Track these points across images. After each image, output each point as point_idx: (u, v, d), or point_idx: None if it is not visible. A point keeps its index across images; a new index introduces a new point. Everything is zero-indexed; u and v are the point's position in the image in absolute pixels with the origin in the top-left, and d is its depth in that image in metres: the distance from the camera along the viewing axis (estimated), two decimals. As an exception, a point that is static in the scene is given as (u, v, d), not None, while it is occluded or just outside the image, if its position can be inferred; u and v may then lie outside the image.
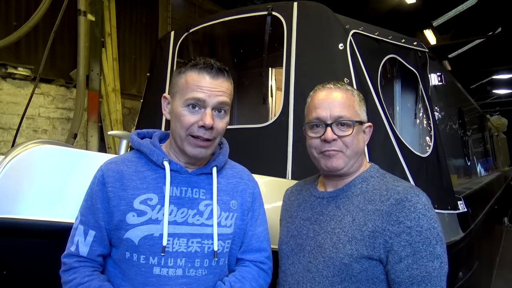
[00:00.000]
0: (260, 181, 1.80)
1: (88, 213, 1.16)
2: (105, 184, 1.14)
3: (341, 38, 2.20)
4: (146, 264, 1.11)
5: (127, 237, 1.11)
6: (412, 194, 1.13)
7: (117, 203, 1.13)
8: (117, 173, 1.15)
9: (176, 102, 1.16)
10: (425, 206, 1.12)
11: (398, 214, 1.11)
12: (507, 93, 19.58)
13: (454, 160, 3.66)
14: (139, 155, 1.22)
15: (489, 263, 4.75)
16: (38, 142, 1.36)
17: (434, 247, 1.08)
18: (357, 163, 1.26)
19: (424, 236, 1.08)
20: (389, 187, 1.18)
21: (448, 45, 13.10)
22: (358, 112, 1.25)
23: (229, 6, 7.31)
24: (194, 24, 2.91)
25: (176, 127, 1.16)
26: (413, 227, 1.09)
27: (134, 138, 1.24)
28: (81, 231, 1.15)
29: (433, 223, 1.10)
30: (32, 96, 3.41)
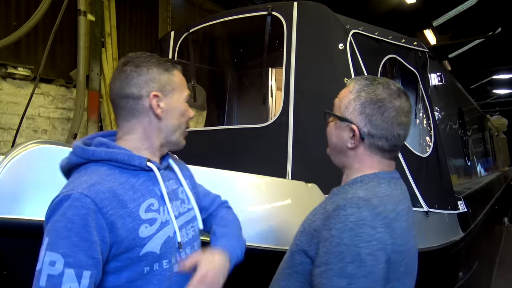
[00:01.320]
0: (260, 181, 1.81)
1: (76, 251, 0.94)
2: (100, 210, 0.99)
3: (341, 38, 2.20)
4: (170, 267, 1.10)
5: (146, 252, 1.05)
6: (352, 206, 1.05)
7: (122, 224, 1.02)
8: (109, 193, 1.02)
9: (176, 98, 1.19)
10: (359, 221, 1.01)
11: (331, 220, 1.05)
12: (507, 93, 19.59)
13: (454, 160, 3.66)
14: (108, 167, 1.09)
15: (489, 263, 4.75)
16: (38, 142, 1.36)
17: (346, 264, 0.98)
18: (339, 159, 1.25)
19: (339, 250, 1.00)
20: (347, 191, 1.14)
21: (448, 45, 13.11)
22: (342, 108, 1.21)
23: (229, 6, 7.31)
24: (194, 24, 2.91)
25: (180, 122, 1.20)
26: (335, 237, 1.02)
27: (97, 150, 1.09)
28: (72, 276, 0.93)
29: (358, 242, 0.99)
30: (32, 96, 3.41)
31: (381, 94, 1.15)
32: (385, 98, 1.15)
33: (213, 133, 2.81)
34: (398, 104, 1.15)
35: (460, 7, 12.63)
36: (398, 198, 1.15)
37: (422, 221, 2.19)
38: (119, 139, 1.18)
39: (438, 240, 2.23)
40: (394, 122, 1.14)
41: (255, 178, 1.79)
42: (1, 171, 1.28)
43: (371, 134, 1.15)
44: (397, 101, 1.15)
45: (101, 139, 1.15)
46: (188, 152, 1.39)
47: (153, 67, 1.17)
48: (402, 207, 1.13)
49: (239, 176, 1.75)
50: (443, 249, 2.24)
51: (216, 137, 2.68)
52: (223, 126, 3.59)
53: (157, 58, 1.20)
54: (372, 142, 1.16)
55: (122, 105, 1.15)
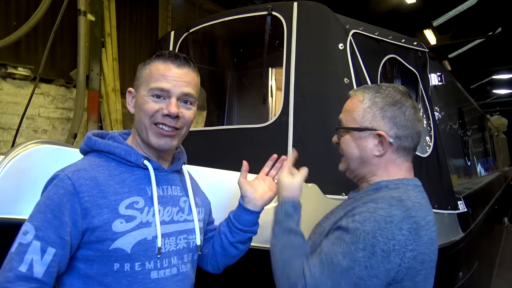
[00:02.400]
0: (260, 181, 1.80)
1: (47, 227, 0.98)
2: (77, 194, 1.01)
3: (341, 38, 2.20)
4: (143, 270, 1.05)
5: (116, 247, 1.02)
6: (384, 202, 1.05)
7: (97, 213, 1.01)
8: (91, 181, 1.04)
9: (140, 93, 1.13)
10: (388, 217, 1.00)
11: (356, 209, 1.07)
12: (507, 93, 19.59)
13: (454, 160, 3.66)
14: (106, 158, 1.12)
15: (489, 263, 4.75)
16: (38, 142, 1.36)
17: (357, 250, 0.98)
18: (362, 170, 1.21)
19: (356, 234, 0.99)
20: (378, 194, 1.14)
21: (448, 45, 13.11)
22: (357, 119, 1.18)
23: (229, 6, 7.31)
24: (194, 24, 2.91)
25: (140, 117, 1.12)
26: (356, 221, 1.01)
27: (98, 140, 1.13)
28: (37, 248, 0.96)
29: (378, 235, 0.97)
30: (32, 96, 3.40)
31: (396, 95, 1.17)
32: (401, 98, 1.17)
33: (213, 133, 2.81)
34: (411, 102, 1.19)
35: (460, 7, 12.64)
36: (428, 207, 1.15)
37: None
38: (131, 135, 1.22)
39: (438, 240, 2.22)
40: (415, 119, 1.18)
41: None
42: (1, 171, 1.28)
43: (398, 136, 1.16)
44: (410, 99, 1.19)
45: (114, 133, 1.20)
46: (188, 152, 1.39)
47: (141, 64, 1.18)
48: (431, 218, 1.12)
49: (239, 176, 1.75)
50: (443, 249, 2.24)
51: (216, 137, 2.68)
52: (223, 126, 3.59)
53: (153, 53, 1.17)
54: (399, 144, 1.17)
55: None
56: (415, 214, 1.05)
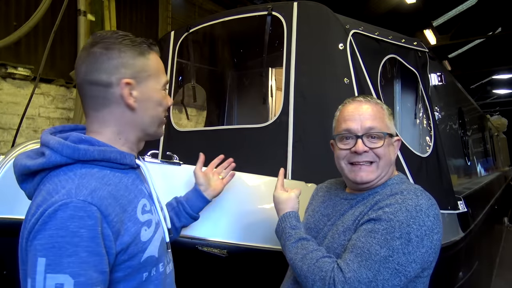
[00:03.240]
0: (260, 181, 1.81)
1: (87, 268, 0.83)
2: (106, 218, 0.88)
3: (341, 38, 2.20)
4: (164, 270, 1.05)
5: (147, 256, 0.96)
6: (410, 192, 1.14)
7: (125, 229, 0.92)
8: (110, 198, 0.91)
9: (152, 86, 1.04)
10: (416, 207, 1.09)
11: (383, 201, 1.13)
12: (507, 93, 19.58)
13: (454, 160, 3.66)
14: (98, 168, 0.95)
15: (489, 263, 4.75)
16: (38, 142, 1.36)
17: (394, 239, 1.04)
18: (387, 175, 1.27)
19: (390, 225, 1.06)
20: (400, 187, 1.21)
21: (448, 45, 13.11)
22: (388, 125, 1.27)
23: (229, 6, 7.31)
24: (194, 24, 2.91)
25: (158, 112, 1.06)
26: (387, 213, 1.08)
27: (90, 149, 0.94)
28: None
29: (412, 223, 1.06)
30: (32, 96, 3.40)
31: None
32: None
33: (213, 133, 2.81)
34: None
35: (460, 7, 12.64)
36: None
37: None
38: (92, 133, 1.03)
39: (438, 240, 2.23)
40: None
41: (255, 178, 1.79)
42: (1, 171, 1.28)
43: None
44: None
45: (80, 135, 1.00)
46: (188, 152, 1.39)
47: (126, 50, 1.02)
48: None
49: (239, 176, 1.75)
50: (443, 249, 2.23)
51: (216, 137, 2.68)
52: (223, 126, 3.59)
53: (131, 39, 1.05)
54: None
55: (90, 93, 1.00)
56: (434, 202, 1.16)
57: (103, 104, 1.00)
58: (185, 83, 3.15)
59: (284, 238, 1.24)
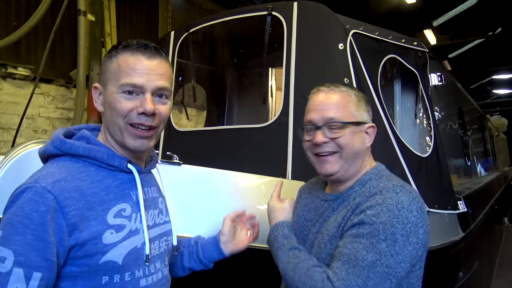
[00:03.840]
0: (260, 181, 1.81)
1: (29, 250, 0.85)
2: (61, 209, 0.89)
3: (341, 38, 2.20)
4: (132, 280, 1.00)
5: (107, 260, 0.95)
6: (389, 190, 1.11)
7: (85, 226, 0.92)
8: (75, 191, 0.92)
9: (109, 90, 1.00)
10: (398, 204, 1.06)
11: (364, 204, 1.10)
12: (507, 93, 19.58)
13: (454, 160, 3.66)
14: (83, 163, 0.99)
15: (489, 263, 4.75)
16: (38, 142, 1.36)
17: (379, 241, 1.02)
18: (354, 166, 1.22)
19: (374, 228, 1.03)
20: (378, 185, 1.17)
21: (448, 45, 13.11)
22: (354, 113, 1.22)
23: (229, 6, 7.31)
24: (194, 24, 2.91)
25: (112, 117, 1.00)
26: (369, 216, 1.06)
27: (76, 144, 0.99)
28: (21, 276, 0.84)
29: (396, 223, 1.03)
30: (32, 96, 3.40)
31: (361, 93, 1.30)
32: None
33: (213, 133, 2.81)
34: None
35: (460, 7, 12.64)
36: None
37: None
38: (100, 132, 1.09)
39: (438, 240, 2.23)
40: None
41: (255, 178, 1.79)
42: (1, 171, 1.28)
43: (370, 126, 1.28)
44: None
45: (85, 132, 1.05)
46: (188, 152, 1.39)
47: (107, 56, 1.04)
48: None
49: (239, 176, 1.75)
50: (443, 249, 2.24)
51: (216, 137, 2.68)
52: (223, 126, 3.59)
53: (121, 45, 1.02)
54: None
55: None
56: (416, 195, 1.13)
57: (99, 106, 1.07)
58: (185, 83, 3.15)
59: (276, 247, 1.23)
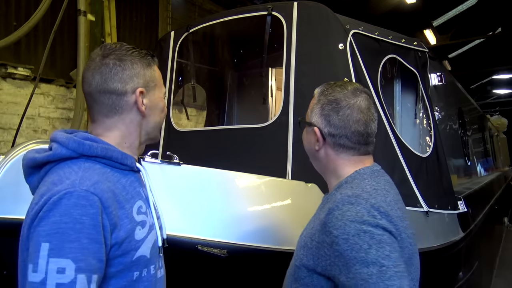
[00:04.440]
0: (260, 181, 1.81)
1: (87, 254, 0.87)
2: (106, 209, 0.93)
3: (341, 38, 2.20)
4: (155, 273, 1.08)
5: (139, 255, 1.00)
6: (345, 203, 1.08)
7: (122, 225, 0.97)
8: (109, 192, 0.97)
9: (157, 95, 1.16)
10: (357, 214, 1.04)
11: (328, 223, 1.07)
12: (507, 93, 19.58)
13: (454, 160, 3.66)
14: (101, 165, 1.01)
15: (489, 263, 4.75)
16: (38, 142, 1.36)
17: (367, 251, 0.99)
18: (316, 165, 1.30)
19: (351, 243, 1.01)
20: (336, 195, 1.15)
21: (448, 45, 13.11)
22: (308, 113, 1.27)
23: (229, 6, 7.31)
24: (194, 24, 2.91)
25: (161, 119, 1.18)
26: (339, 236, 1.03)
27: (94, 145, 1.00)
28: (84, 282, 0.85)
29: (365, 228, 1.02)
30: (32, 96, 3.41)
31: (337, 95, 1.21)
32: (340, 98, 1.21)
33: (213, 133, 2.81)
34: (353, 102, 1.20)
35: (460, 7, 12.64)
36: (385, 189, 1.17)
37: (422, 221, 2.19)
38: (99, 136, 1.08)
39: (438, 240, 2.23)
40: (350, 119, 1.19)
41: (255, 178, 1.79)
42: (1, 171, 1.28)
43: (331, 134, 1.21)
44: (352, 99, 1.20)
45: (88, 135, 1.06)
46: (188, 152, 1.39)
47: (136, 61, 1.09)
48: (391, 198, 1.16)
49: (239, 176, 1.75)
50: (443, 249, 2.24)
51: (216, 137, 2.68)
52: (223, 126, 3.59)
53: (138, 51, 1.12)
54: (335, 141, 1.21)
55: (103, 101, 1.06)
56: (375, 201, 1.09)
57: (115, 111, 1.07)
58: (185, 83, 3.15)
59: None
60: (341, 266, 1.02)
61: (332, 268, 1.05)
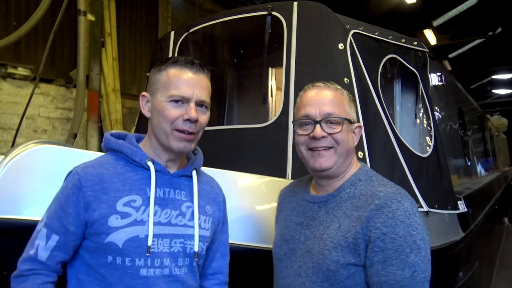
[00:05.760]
0: (260, 181, 1.81)
1: (54, 216, 1.12)
2: (81, 188, 1.11)
3: (341, 38, 2.20)
4: (132, 266, 1.10)
5: (109, 241, 1.09)
6: (393, 200, 1.12)
7: (97, 207, 1.10)
8: (96, 176, 1.13)
9: (158, 98, 1.16)
10: (405, 213, 1.10)
11: (376, 219, 1.10)
12: (507, 93, 19.58)
13: (454, 160, 3.66)
14: (116, 157, 1.20)
15: (489, 263, 4.75)
16: (38, 142, 1.36)
17: (408, 255, 1.05)
18: (346, 163, 1.25)
19: (397, 244, 1.06)
20: (374, 192, 1.17)
21: (448, 45, 13.12)
22: (347, 111, 1.25)
23: (229, 6, 7.31)
24: (194, 24, 2.91)
25: (160, 123, 1.16)
26: (387, 234, 1.07)
27: (111, 139, 1.22)
28: (43, 235, 1.11)
29: (411, 231, 1.07)
30: (32, 96, 3.40)
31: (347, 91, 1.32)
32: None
33: (213, 133, 2.81)
34: None
35: (460, 7, 12.64)
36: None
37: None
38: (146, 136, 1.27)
39: (438, 240, 2.23)
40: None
41: (255, 178, 1.79)
42: (1, 171, 1.28)
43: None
44: None
45: (129, 134, 1.27)
46: (188, 152, 1.38)
47: (154, 68, 1.20)
48: None
49: (239, 176, 1.75)
50: (443, 249, 2.24)
51: (216, 137, 2.67)
52: (223, 126, 3.59)
53: (167, 58, 1.21)
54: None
55: None
56: (407, 193, 1.18)
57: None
58: (185, 83, 3.14)
59: None
60: (376, 261, 1.07)
61: (367, 259, 1.10)
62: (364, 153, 1.99)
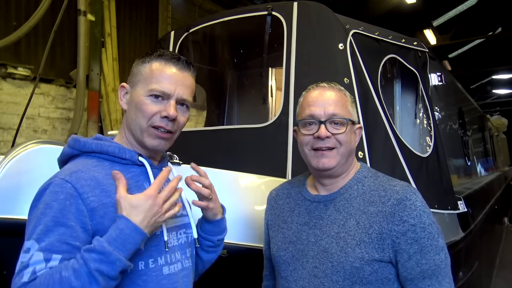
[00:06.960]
0: (260, 181, 1.81)
1: (50, 235, 0.92)
2: (80, 195, 0.97)
3: (341, 38, 2.20)
4: (156, 267, 1.05)
5: None
6: (410, 193, 1.19)
7: (105, 212, 0.99)
8: (92, 180, 1.00)
9: (137, 91, 1.09)
10: (422, 203, 1.18)
11: (401, 213, 1.15)
12: (507, 93, 19.58)
13: (454, 160, 3.66)
14: (97, 159, 1.08)
15: (489, 263, 4.75)
16: (38, 142, 1.36)
17: (437, 240, 1.15)
18: (348, 163, 1.26)
19: (428, 232, 1.14)
20: (387, 187, 1.21)
21: (448, 45, 13.12)
22: (350, 111, 1.27)
23: (229, 6, 7.31)
24: (194, 24, 2.91)
25: (137, 117, 1.08)
26: (417, 225, 1.14)
27: (89, 141, 1.09)
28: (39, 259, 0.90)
29: (432, 218, 1.17)
30: (32, 96, 3.40)
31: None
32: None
33: (213, 133, 2.81)
34: None
35: (460, 7, 12.65)
36: None
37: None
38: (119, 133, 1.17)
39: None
40: None
41: (255, 178, 1.79)
42: (1, 171, 1.28)
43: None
44: None
45: (99, 135, 1.14)
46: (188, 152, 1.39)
47: (138, 59, 1.14)
48: None
49: (239, 176, 1.75)
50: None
51: (216, 137, 2.68)
52: (223, 126, 3.59)
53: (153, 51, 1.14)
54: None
55: None
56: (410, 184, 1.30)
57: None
58: (185, 83, 3.14)
59: None
60: (413, 252, 1.13)
61: (399, 254, 1.14)
62: (364, 153, 1.99)
